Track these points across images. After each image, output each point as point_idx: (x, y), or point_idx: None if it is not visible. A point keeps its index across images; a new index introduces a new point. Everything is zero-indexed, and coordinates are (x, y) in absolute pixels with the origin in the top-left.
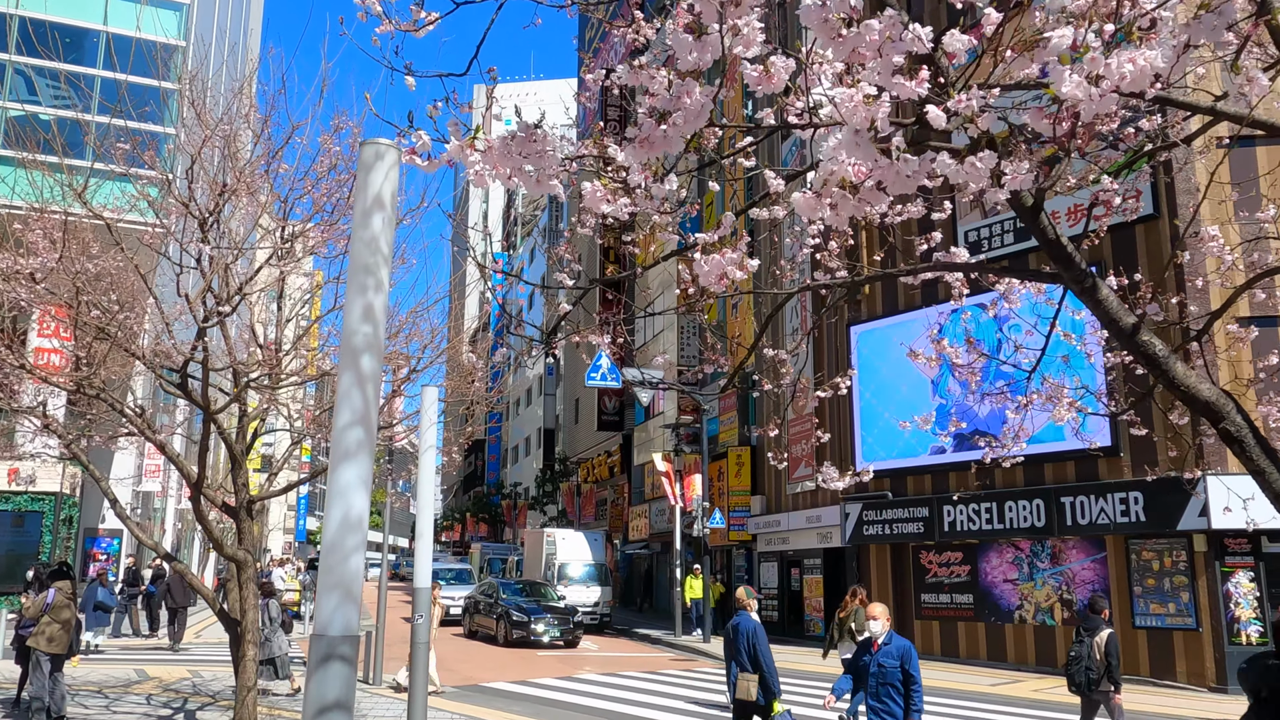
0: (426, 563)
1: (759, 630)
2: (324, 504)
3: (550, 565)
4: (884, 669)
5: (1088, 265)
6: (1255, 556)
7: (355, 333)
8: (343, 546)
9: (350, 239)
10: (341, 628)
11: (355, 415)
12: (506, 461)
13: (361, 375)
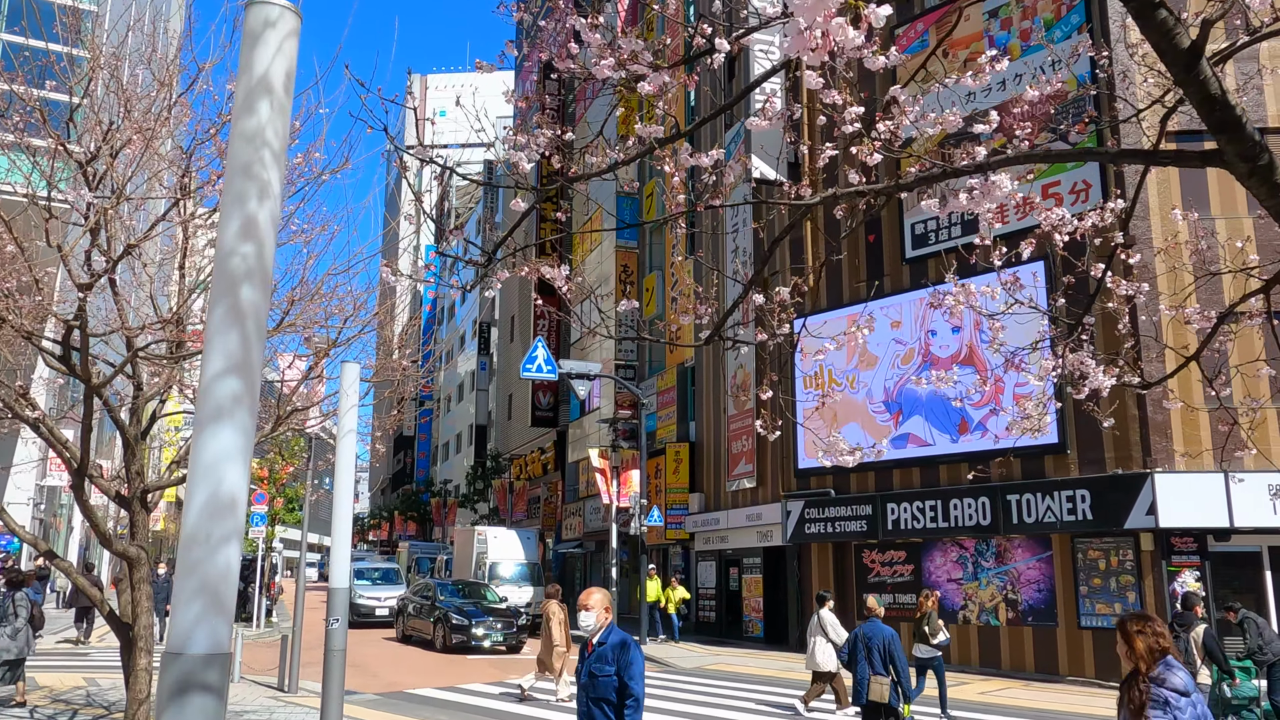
0: (344, 561)
1: (895, 638)
2: None
3: (481, 564)
4: (595, 680)
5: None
6: (1201, 555)
7: (232, 254)
8: (208, 537)
9: (230, 134)
10: (207, 645)
11: (231, 361)
12: (437, 459)
13: (239, 309)
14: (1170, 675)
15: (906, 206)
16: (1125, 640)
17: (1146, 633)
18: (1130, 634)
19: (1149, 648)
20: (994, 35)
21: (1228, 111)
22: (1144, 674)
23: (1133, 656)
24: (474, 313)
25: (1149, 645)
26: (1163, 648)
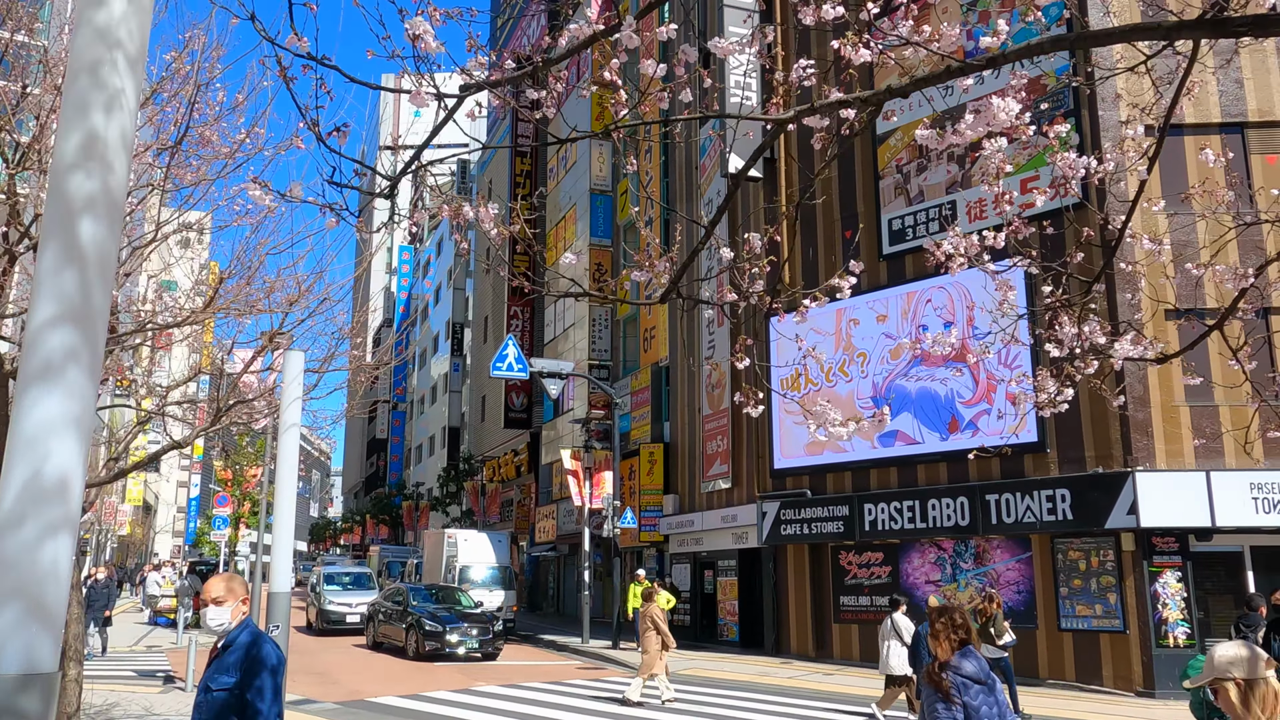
0: (285, 563)
1: None
2: None
3: (451, 568)
4: (209, 696)
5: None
6: (1183, 556)
7: (70, 174)
8: (28, 525)
9: (74, 28)
10: (20, 662)
11: (65, 307)
12: (410, 461)
13: (77, 247)
14: (964, 663)
15: (884, 202)
16: (931, 632)
17: (945, 621)
18: (934, 621)
19: (947, 636)
20: (971, 28)
21: None
22: (943, 662)
23: (940, 647)
24: (447, 313)
25: (947, 634)
26: (961, 638)
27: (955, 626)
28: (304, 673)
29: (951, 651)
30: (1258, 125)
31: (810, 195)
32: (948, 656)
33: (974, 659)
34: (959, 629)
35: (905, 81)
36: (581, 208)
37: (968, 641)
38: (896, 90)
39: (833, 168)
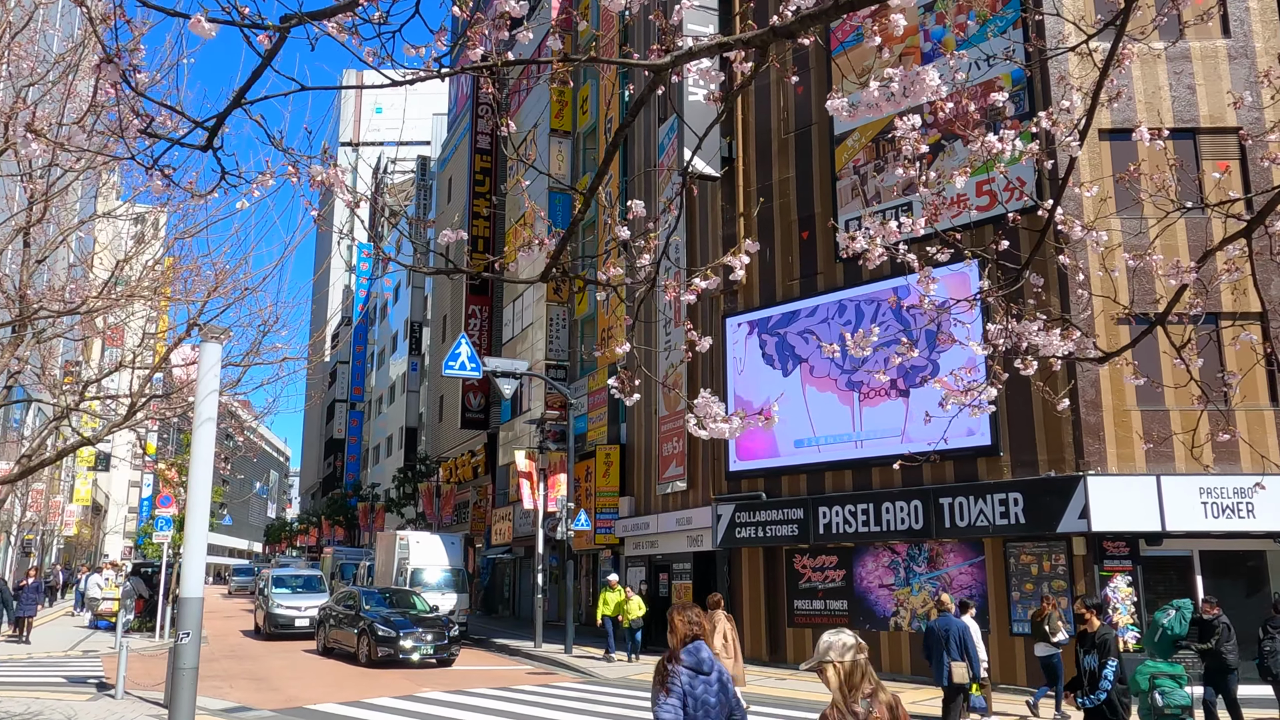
0: (197, 566)
1: (966, 629)
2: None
3: (402, 570)
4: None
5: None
6: (1133, 560)
7: None
8: None
9: None
10: None
11: None
12: (367, 462)
13: None
14: (690, 656)
15: (841, 202)
16: (669, 626)
17: (684, 618)
18: (673, 620)
19: (684, 635)
20: (929, 29)
21: None
22: (673, 653)
23: (672, 640)
24: (406, 312)
25: (685, 632)
26: (694, 634)
27: (690, 623)
28: (244, 678)
29: (681, 645)
30: (1209, 131)
31: (766, 196)
32: (677, 649)
33: (698, 653)
34: (693, 625)
35: (790, 20)
36: (540, 204)
37: (699, 637)
38: (781, 30)
39: (790, 168)
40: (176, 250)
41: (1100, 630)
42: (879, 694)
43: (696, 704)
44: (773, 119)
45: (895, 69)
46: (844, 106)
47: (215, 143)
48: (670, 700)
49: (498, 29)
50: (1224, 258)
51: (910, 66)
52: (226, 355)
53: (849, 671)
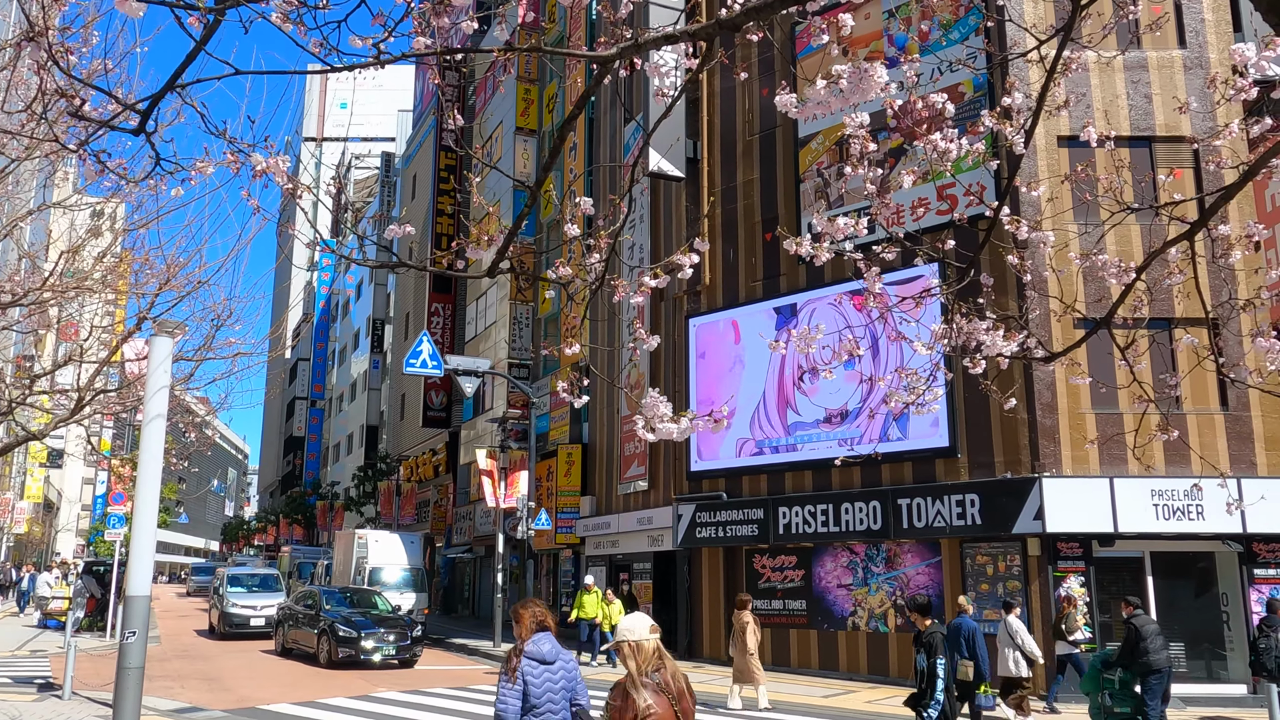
0: (145, 564)
1: (977, 630)
2: None
3: (361, 570)
4: None
5: (927, 260)
6: (1086, 561)
7: None
8: None
9: None
10: None
11: None
12: (327, 460)
13: None
14: (534, 647)
15: (805, 204)
16: (515, 619)
17: (529, 612)
18: (519, 613)
19: (530, 627)
20: (893, 34)
21: None
22: (521, 645)
23: (519, 632)
24: (368, 309)
25: (531, 623)
26: (541, 624)
27: (536, 617)
28: (195, 678)
29: (528, 636)
30: (1164, 140)
31: (731, 195)
32: (524, 639)
33: (543, 643)
34: (538, 618)
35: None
36: (506, 203)
37: (546, 628)
38: (727, 23)
39: (754, 170)
40: (128, 242)
41: (928, 629)
42: (665, 669)
43: (540, 691)
44: (737, 121)
45: (844, 67)
46: (792, 103)
47: (149, 127)
48: (513, 688)
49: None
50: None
51: None
52: (179, 350)
53: (647, 651)
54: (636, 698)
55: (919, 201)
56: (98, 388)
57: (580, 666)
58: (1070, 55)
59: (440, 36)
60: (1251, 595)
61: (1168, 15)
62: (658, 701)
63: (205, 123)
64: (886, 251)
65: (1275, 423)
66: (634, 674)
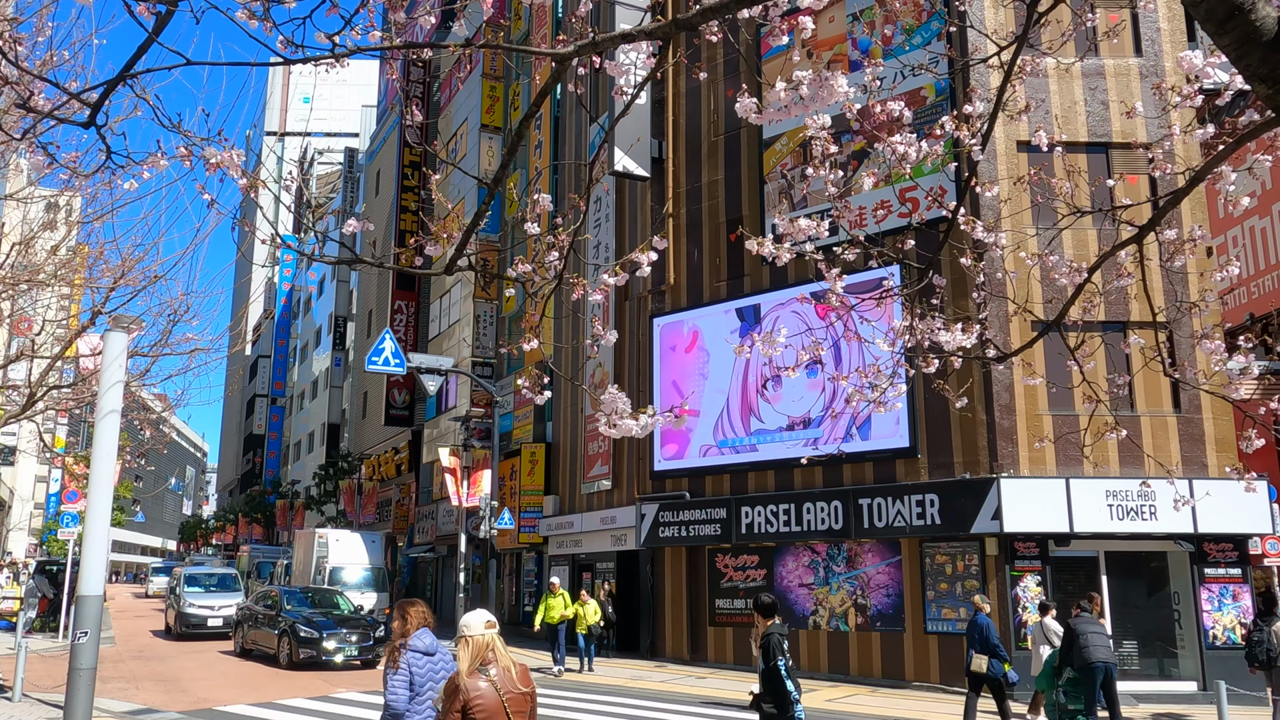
0: (98, 562)
1: (990, 625)
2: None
3: (321, 569)
4: None
5: (888, 261)
6: (1043, 560)
7: None
8: None
9: None
10: None
11: None
12: (288, 459)
13: None
14: (417, 641)
15: (769, 206)
16: (400, 615)
17: (416, 611)
18: (406, 611)
19: (415, 622)
20: (857, 38)
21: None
22: (402, 639)
23: (403, 627)
24: (330, 306)
25: (416, 620)
26: (422, 622)
27: (421, 614)
28: (151, 680)
29: (410, 632)
30: (1120, 146)
31: (696, 195)
32: (404, 635)
33: (425, 637)
34: (419, 614)
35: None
36: (470, 201)
37: (426, 624)
38: (683, 22)
39: (719, 170)
40: (83, 235)
41: (767, 630)
42: (497, 662)
43: (423, 679)
44: (703, 121)
45: (805, 72)
46: (753, 108)
47: (100, 120)
48: (399, 676)
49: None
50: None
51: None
52: (135, 345)
53: (479, 645)
54: (463, 687)
55: (881, 204)
56: (51, 383)
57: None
58: (1026, 61)
59: (399, 32)
60: (1202, 594)
61: (1124, 24)
62: (485, 692)
63: (159, 116)
64: (847, 253)
65: (1226, 425)
66: (462, 667)
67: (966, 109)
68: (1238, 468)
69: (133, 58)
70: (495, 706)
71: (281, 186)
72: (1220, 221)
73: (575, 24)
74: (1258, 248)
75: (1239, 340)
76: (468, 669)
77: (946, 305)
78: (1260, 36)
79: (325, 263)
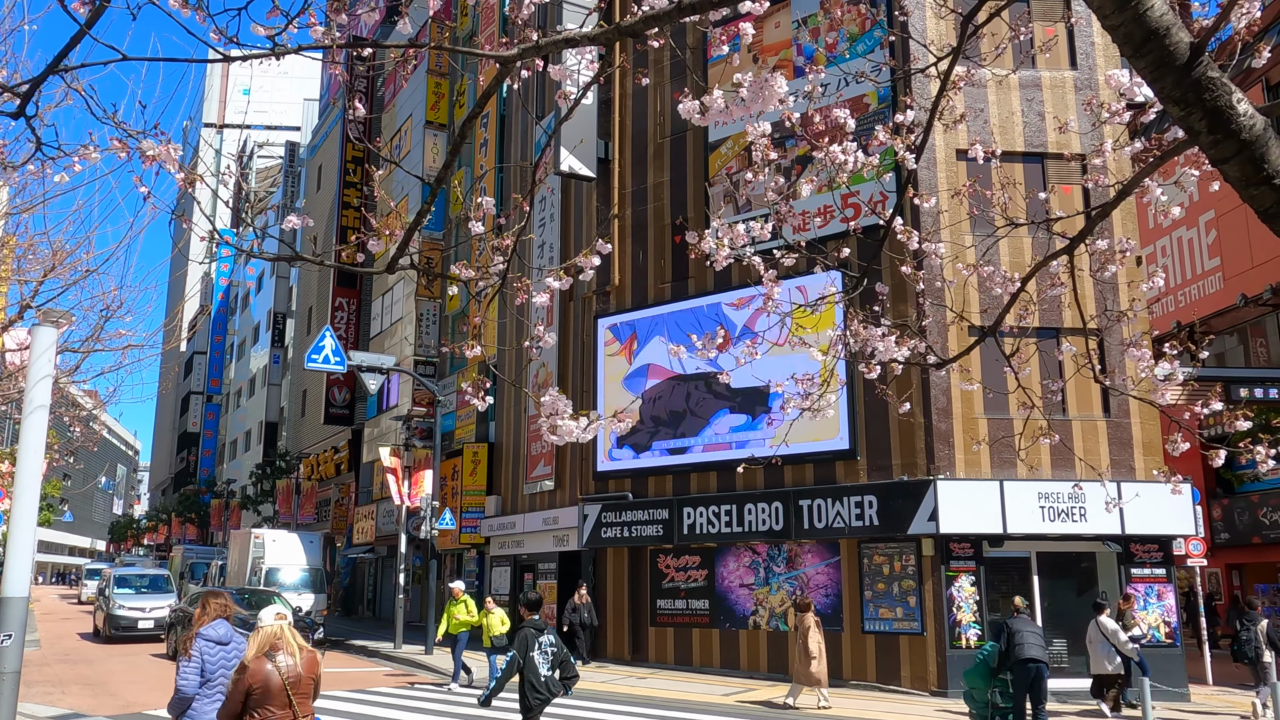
0: (23, 562)
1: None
2: None
3: (257, 570)
4: None
5: (828, 268)
6: (977, 561)
7: None
8: None
9: None
10: None
11: None
12: (223, 457)
13: None
14: (211, 630)
15: (714, 208)
16: (200, 606)
17: (215, 603)
18: (206, 602)
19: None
20: (802, 44)
21: None
22: (195, 627)
23: (200, 616)
24: (269, 303)
25: (215, 611)
26: (219, 613)
27: (220, 604)
28: (78, 683)
29: (208, 621)
30: (1055, 157)
31: (642, 195)
32: (204, 624)
33: (219, 628)
34: (221, 607)
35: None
36: (414, 199)
37: (224, 617)
38: (626, 29)
39: (665, 172)
40: (11, 226)
41: (524, 624)
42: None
43: (215, 667)
44: (649, 123)
45: (747, 75)
46: (695, 110)
47: (29, 111)
48: (191, 664)
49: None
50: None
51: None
52: (65, 340)
53: (267, 634)
54: (249, 669)
55: (823, 210)
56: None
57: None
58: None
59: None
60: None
61: (1059, 37)
62: (269, 674)
63: (92, 108)
64: (786, 257)
65: (1152, 429)
66: (250, 652)
67: (899, 118)
68: (1164, 470)
69: (63, 50)
70: (277, 687)
71: (220, 181)
72: (1149, 232)
73: (519, 26)
74: (1184, 258)
75: (1165, 347)
76: (254, 654)
77: (886, 312)
78: (1174, 60)
79: (266, 259)
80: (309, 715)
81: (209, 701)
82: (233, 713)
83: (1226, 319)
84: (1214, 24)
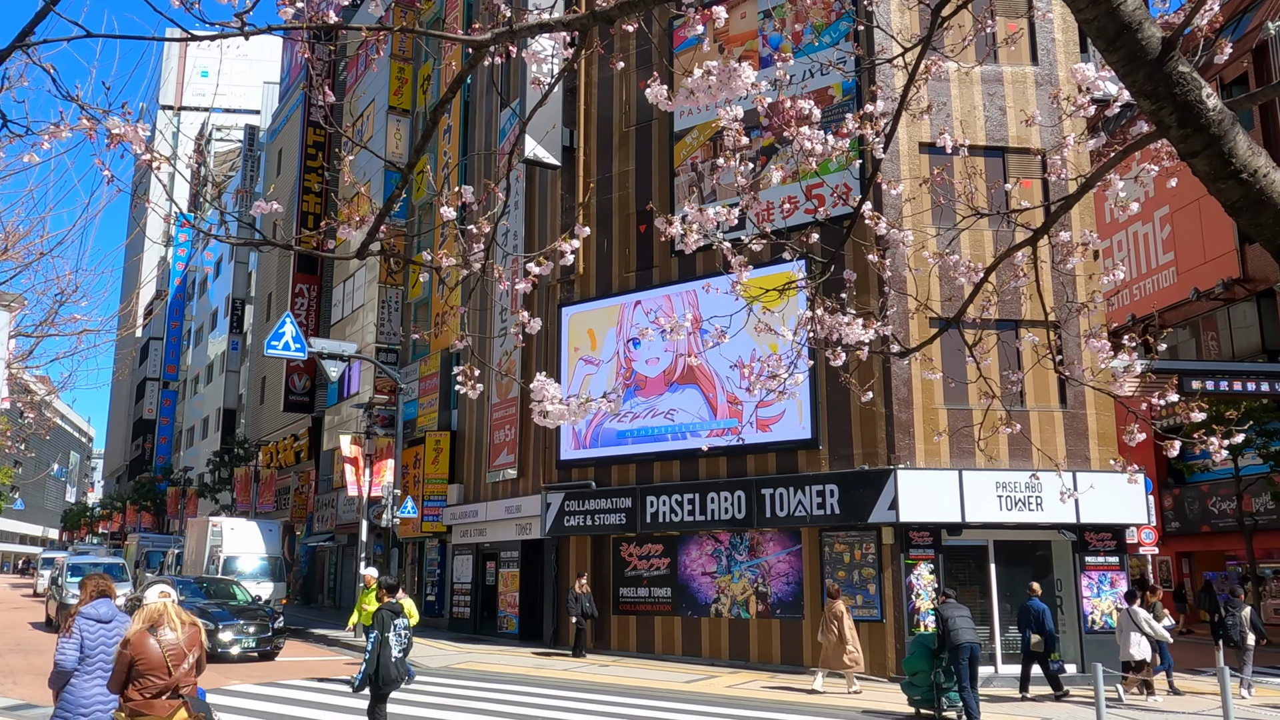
0: None
1: (1045, 610)
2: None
3: (214, 559)
4: None
5: (794, 256)
6: (935, 549)
7: None
8: None
9: None
10: None
11: None
12: (180, 445)
13: None
14: (92, 609)
15: (679, 198)
16: (81, 586)
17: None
18: (84, 583)
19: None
20: (768, 35)
21: None
22: (80, 608)
23: (83, 596)
24: (228, 288)
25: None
26: (100, 593)
27: (99, 586)
28: (30, 673)
29: (88, 601)
30: (1016, 151)
31: (607, 185)
32: (85, 603)
33: (101, 607)
34: (100, 587)
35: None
36: (376, 183)
37: (105, 595)
38: (601, 14)
39: (630, 161)
40: None
41: (380, 606)
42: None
43: (94, 644)
44: (615, 111)
45: (713, 62)
46: (663, 95)
47: None
48: (70, 641)
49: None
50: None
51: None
52: (18, 325)
53: (151, 610)
54: (131, 643)
55: (789, 199)
56: None
57: (434, 655)
58: (930, 63)
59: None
60: (1083, 581)
61: (1022, 32)
62: (150, 647)
63: (56, 86)
64: (753, 244)
65: (1108, 420)
66: (133, 627)
67: (869, 108)
68: (1120, 460)
69: (30, 24)
70: (158, 659)
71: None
72: (1107, 226)
73: (488, 10)
74: (1139, 252)
75: (1123, 340)
76: (136, 628)
77: (851, 300)
78: (1146, 55)
79: (229, 243)
80: (191, 685)
81: (88, 677)
82: (119, 682)
83: (1179, 312)
84: (1185, 19)
